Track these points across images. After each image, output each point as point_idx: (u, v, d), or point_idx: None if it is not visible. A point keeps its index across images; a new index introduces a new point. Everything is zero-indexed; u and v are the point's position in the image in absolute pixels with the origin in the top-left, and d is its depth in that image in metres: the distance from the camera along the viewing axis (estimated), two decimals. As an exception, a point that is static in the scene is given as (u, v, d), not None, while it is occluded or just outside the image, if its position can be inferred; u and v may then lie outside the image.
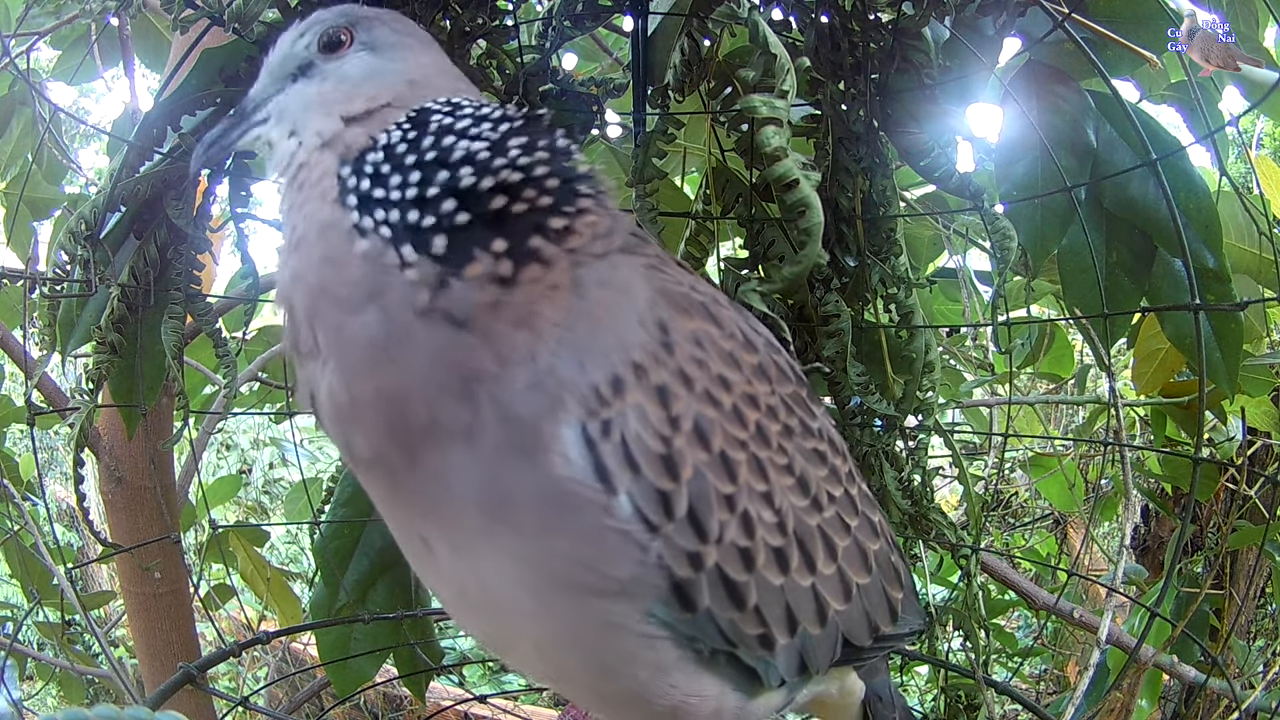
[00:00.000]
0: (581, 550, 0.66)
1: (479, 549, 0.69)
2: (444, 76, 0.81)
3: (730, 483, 0.70)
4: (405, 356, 0.65)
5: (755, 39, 1.00)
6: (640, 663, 0.71)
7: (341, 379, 0.68)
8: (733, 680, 0.76)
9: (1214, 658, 1.75)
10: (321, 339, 0.68)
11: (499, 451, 0.65)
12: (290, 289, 0.71)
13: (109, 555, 2.12)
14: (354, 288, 0.67)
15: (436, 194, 0.67)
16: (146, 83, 2.55)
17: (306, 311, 0.69)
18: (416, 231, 0.66)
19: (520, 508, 0.66)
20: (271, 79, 0.81)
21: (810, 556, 0.76)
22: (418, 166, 0.69)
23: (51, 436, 3.86)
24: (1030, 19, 1.19)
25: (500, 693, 2.82)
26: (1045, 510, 3.43)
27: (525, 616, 0.70)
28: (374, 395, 0.67)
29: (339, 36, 0.79)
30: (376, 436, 0.68)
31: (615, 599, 0.67)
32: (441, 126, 0.71)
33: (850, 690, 0.94)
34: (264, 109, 0.79)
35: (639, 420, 0.66)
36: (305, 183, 0.73)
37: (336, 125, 0.74)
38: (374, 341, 0.66)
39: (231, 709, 1.71)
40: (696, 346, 0.71)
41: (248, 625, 3.27)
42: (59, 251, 1.27)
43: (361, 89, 0.76)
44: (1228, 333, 1.29)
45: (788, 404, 0.78)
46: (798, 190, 0.98)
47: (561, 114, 1.37)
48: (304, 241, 0.70)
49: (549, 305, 0.65)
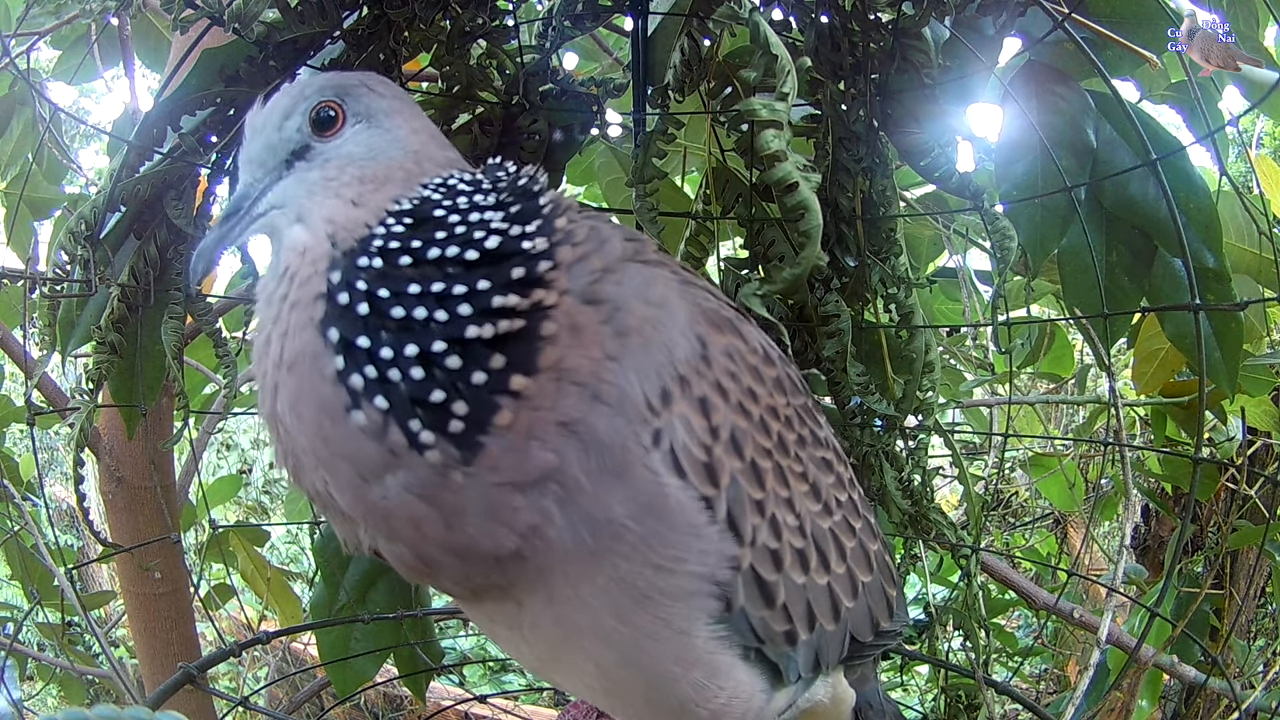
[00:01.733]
0: (674, 551, 0.68)
1: (579, 589, 0.70)
2: (435, 142, 0.79)
3: (760, 489, 0.74)
4: (460, 521, 0.65)
5: (756, 39, 1.00)
6: (701, 666, 0.73)
7: (399, 547, 0.68)
8: (763, 677, 0.79)
9: (1214, 658, 1.75)
10: (339, 498, 0.67)
11: (593, 486, 0.66)
12: (271, 402, 0.68)
13: (109, 555, 2.12)
14: (359, 460, 0.64)
15: (444, 350, 0.63)
16: (146, 83, 2.55)
17: (310, 455, 0.66)
18: (426, 407, 0.63)
19: (623, 527, 0.67)
20: (262, 169, 0.76)
21: (825, 557, 0.81)
22: (417, 307, 0.64)
23: (51, 436, 3.86)
24: (1030, 19, 1.19)
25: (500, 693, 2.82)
26: (1045, 510, 3.43)
27: (602, 640, 0.72)
28: (446, 555, 0.67)
29: (329, 113, 0.74)
30: (470, 580, 0.70)
31: (690, 601, 0.70)
32: (440, 254, 0.67)
33: (841, 699, 0.96)
34: (262, 200, 0.74)
35: (685, 430, 0.69)
36: (294, 276, 0.68)
37: (347, 210, 0.71)
38: (412, 516, 0.65)
39: (231, 709, 1.71)
40: (730, 360, 0.74)
41: (248, 625, 3.26)
42: (59, 251, 1.27)
43: (368, 169, 0.73)
44: (1228, 333, 1.29)
45: (800, 415, 0.83)
46: (797, 193, 0.98)
47: (561, 114, 1.37)
48: (285, 362, 0.66)
49: (579, 353, 0.65)
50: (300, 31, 1.15)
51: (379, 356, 0.63)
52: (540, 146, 1.37)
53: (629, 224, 1.54)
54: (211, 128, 1.24)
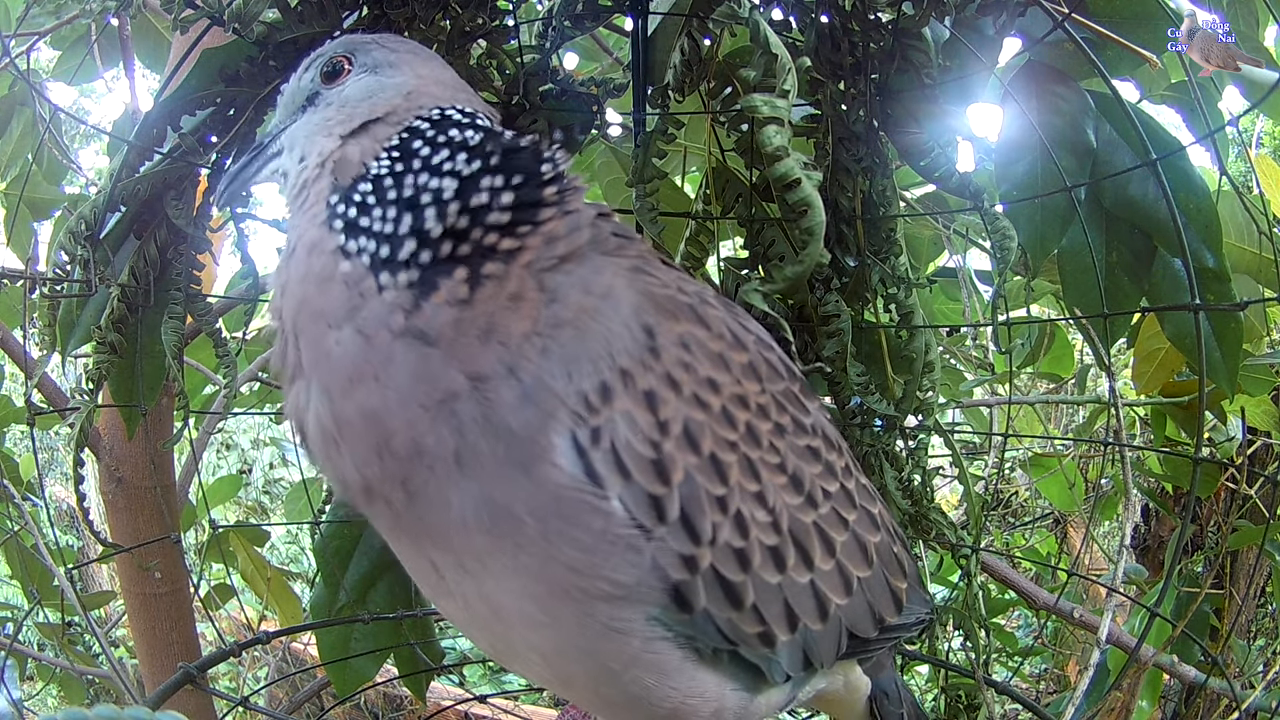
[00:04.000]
0: (583, 557, 0.67)
1: (486, 566, 0.69)
2: (439, 84, 0.84)
3: (721, 484, 0.71)
4: (384, 374, 0.67)
5: (755, 39, 1.00)
6: (643, 666, 0.71)
7: (324, 399, 0.70)
8: (736, 678, 0.77)
9: (1214, 658, 1.75)
10: (304, 356, 0.71)
11: (495, 468, 0.66)
12: (279, 301, 0.75)
13: (109, 555, 2.12)
14: (335, 304, 0.70)
15: (405, 234, 0.71)
16: (146, 83, 2.55)
17: (291, 324, 0.72)
18: (391, 264, 0.70)
19: (521, 521, 0.66)
20: (284, 114, 0.87)
21: (807, 553, 0.77)
22: (395, 203, 0.73)
23: (51, 436, 3.86)
24: (1030, 19, 1.19)
25: (500, 693, 2.82)
26: (1045, 510, 3.43)
27: (531, 627, 0.71)
28: (357, 414, 0.68)
29: (339, 65, 0.83)
30: (364, 462, 0.69)
31: (618, 604, 0.68)
32: (421, 161, 0.75)
33: (856, 686, 0.95)
34: (277, 141, 0.84)
35: (628, 426, 0.67)
36: (304, 203, 0.77)
37: (335, 144, 0.78)
38: (353, 357, 0.68)
39: (231, 709, 1.71)
40: (683, 350, 0.72)
41: (248, 625, 3.27)
42: (59, 251, 1.27)
43: (360, 107, 0.80)
44: (1228, 332, 1.29)
45: (779, 402, 0.79)
46: (799, 190, 0.97)
47: (561, 114, 1.37)
48: (294, 257, 0.74)
49: (513, 317, 0.67)
50: (300, 31, 1.15)
51: (371, 212, 0.72)
52: (540, 146, 1.37)
53: (629, 224, 1.54)
54: (211, 128, 1.24)
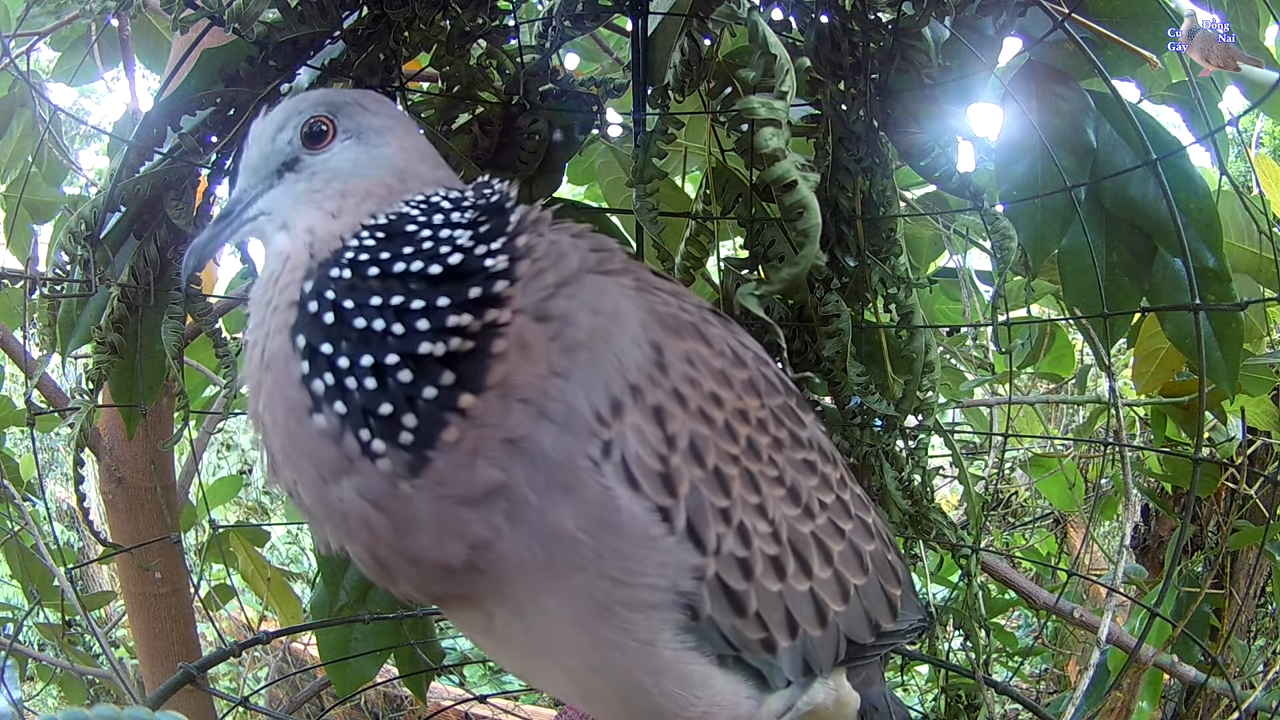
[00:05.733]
0: (625, 565, 0.68)
1: (540, 605, 0.70)
2: (425, 162, 0.81)
3: (725, 497, 0.73)
4: (411, 527, 0.66)
5: (755, 39, 1.00)
6: (672, 677, 0.73)
7: (352, 543, 0.69)
8: (747, 685, 0.78)
9: (1214, 658, 1.75)
10: (304, 495, 0.70)
11: (542, 501, 0.66)
12: (256, 404, 0.71)
13: (109, 555, 2.13)
14: (321, 455, 0.67)
15: (397, 363, 0.66)
16: (146, 83, 2.55)
17: (281, 454, 0.70)
18: (377, 417, 0.65)
19: (575, 540, 0.67)
20: (255, 176, 0.80)
21: (806, 562, 0.79)
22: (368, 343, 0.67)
23: (51, 437, 3.85)
24: (1030, 19, 1.19)
25: (500, 693, 2.81)
26: (1045, 510, 3.43)
27: (570, 650, 0.73)
28: (400, 559, 0.68)
29: (320, 127, 0.78)
30: (429, 580, 0.70)
31: (652, 615, 0.70)
32: (405, 269, 0.69)
33: (845, 702, 0.96)
34: (253, 206, 0.78)
35: (637, 440, 0.68)
36: (276, 279, 0.72)
37: (326, 222, 0.74)
38: (366, 517, 0.67)
39: (232, 709, 1.71)
40: (689, 366, 0.73)
41: (248, 625, 3.27)
42: (59, 252, 1.27)
43: (351, 184, 0.76)
44: (1228, 332, 1.29)
45: (777, 416, 0.81)
46: (796, 191, 0.97)
47: (561, 114, 1.37)
48: (269, 366, 0.70)
49: (526, 365, 0.67)
50: (300, 31, 1.15)
51: (337, 365, 0.66)
52: (540, 146, 1.37)
53: (629, 224, 1.54)
54: (211, 128, 1.24)
